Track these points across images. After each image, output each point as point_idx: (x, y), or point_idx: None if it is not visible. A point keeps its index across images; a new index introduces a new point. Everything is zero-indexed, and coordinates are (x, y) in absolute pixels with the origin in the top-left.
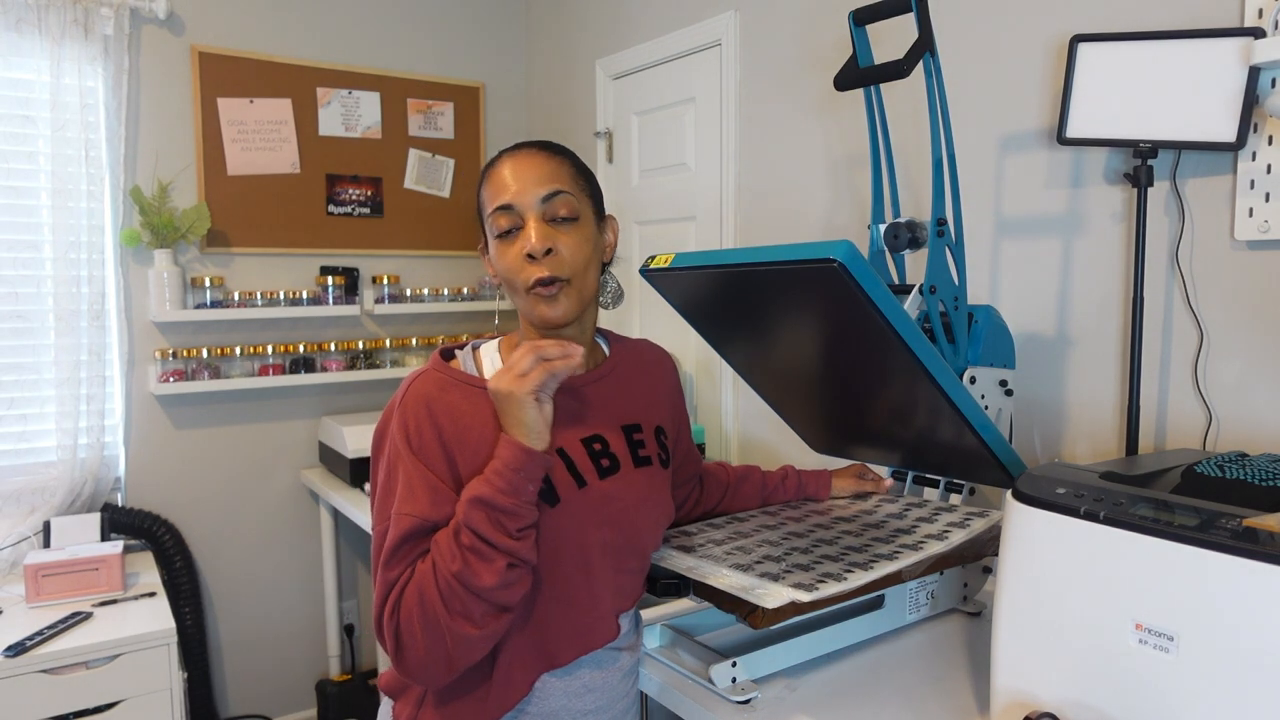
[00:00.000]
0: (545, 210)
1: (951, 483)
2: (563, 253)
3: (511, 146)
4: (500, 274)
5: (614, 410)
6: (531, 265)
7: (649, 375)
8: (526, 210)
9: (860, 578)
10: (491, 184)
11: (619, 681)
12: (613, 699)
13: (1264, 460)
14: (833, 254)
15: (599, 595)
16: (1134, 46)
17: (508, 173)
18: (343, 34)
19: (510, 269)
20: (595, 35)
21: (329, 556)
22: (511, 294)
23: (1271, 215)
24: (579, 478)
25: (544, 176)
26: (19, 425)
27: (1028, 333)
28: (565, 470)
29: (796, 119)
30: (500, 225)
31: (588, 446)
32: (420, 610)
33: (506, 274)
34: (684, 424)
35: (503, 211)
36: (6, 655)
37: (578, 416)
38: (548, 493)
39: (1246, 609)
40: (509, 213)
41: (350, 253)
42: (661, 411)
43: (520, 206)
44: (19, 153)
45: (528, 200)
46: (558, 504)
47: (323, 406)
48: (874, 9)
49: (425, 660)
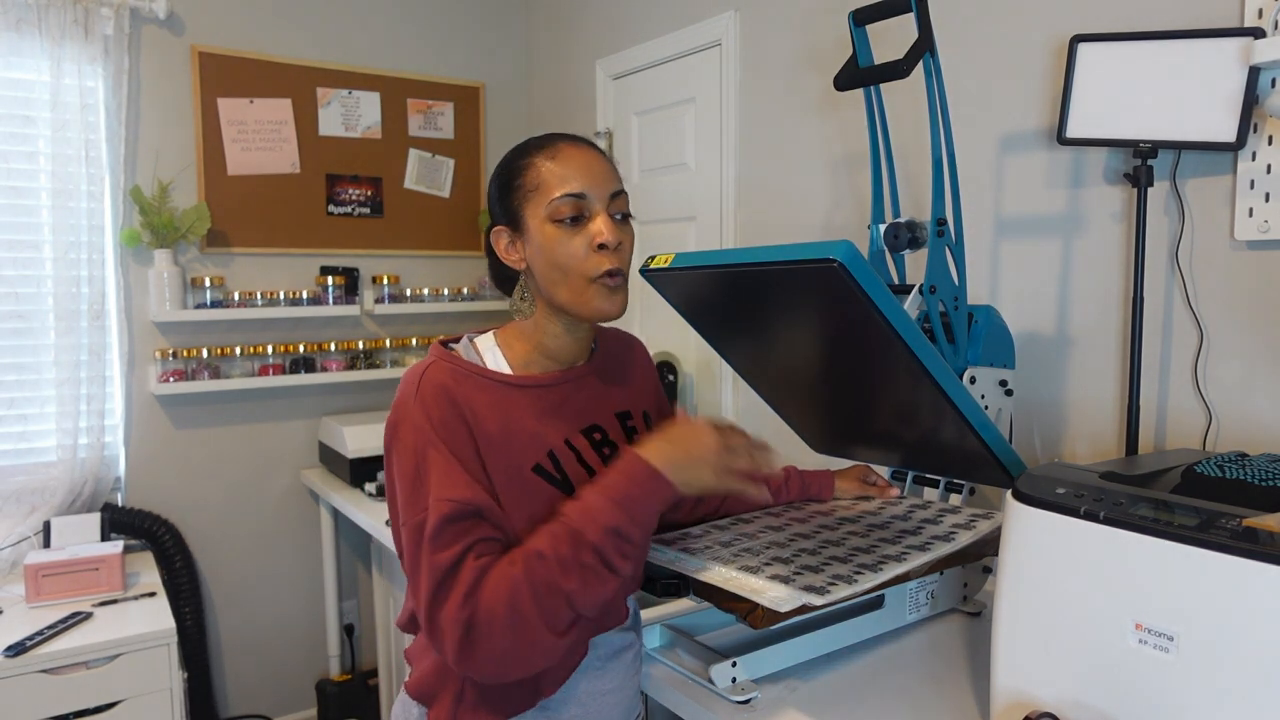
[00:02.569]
0: (612, 206)
1: (951, 483)
2: (626, 249)
3: (560, 136)
4: (553, 262)
5: (607, 400)
6: (600, 255)
7: (628, 362)
8: (596, 202)
9: (870, 579)
10: (549, 168)
11: (630, 662)
12: (625, 679)
13: (1264, 460)
14: (833, 254)
15: None
16: (1134, 46)
17: (574, 161)
18: (343, 34)
19: (574, 256)
20: (595, 35)
21: (329, 556)
22: (556, 285)
23: (1271, 215)
24: (588, 468)
25: (609, 174)
26: (19, 425)
27: (1028, 333)
28: (576, 461)
29: (796, 119)
30: (564, 212)
31: (589, 437)
32: (509, 613)
33: (566, 261)
34: (666, 408)
35: (572, 199)
36: (6, 655)
37: (578, 409)
38: (563, 483)
39: (1246, 609)
40: (580, 201)
41: (350, 253)
42: (645, 398)
43: (591, 197)
44: (19, 153)
45: (599, 192)
46: (574, 494)
47: (323, 406)
48: (874, 9)
49: (502, 659)
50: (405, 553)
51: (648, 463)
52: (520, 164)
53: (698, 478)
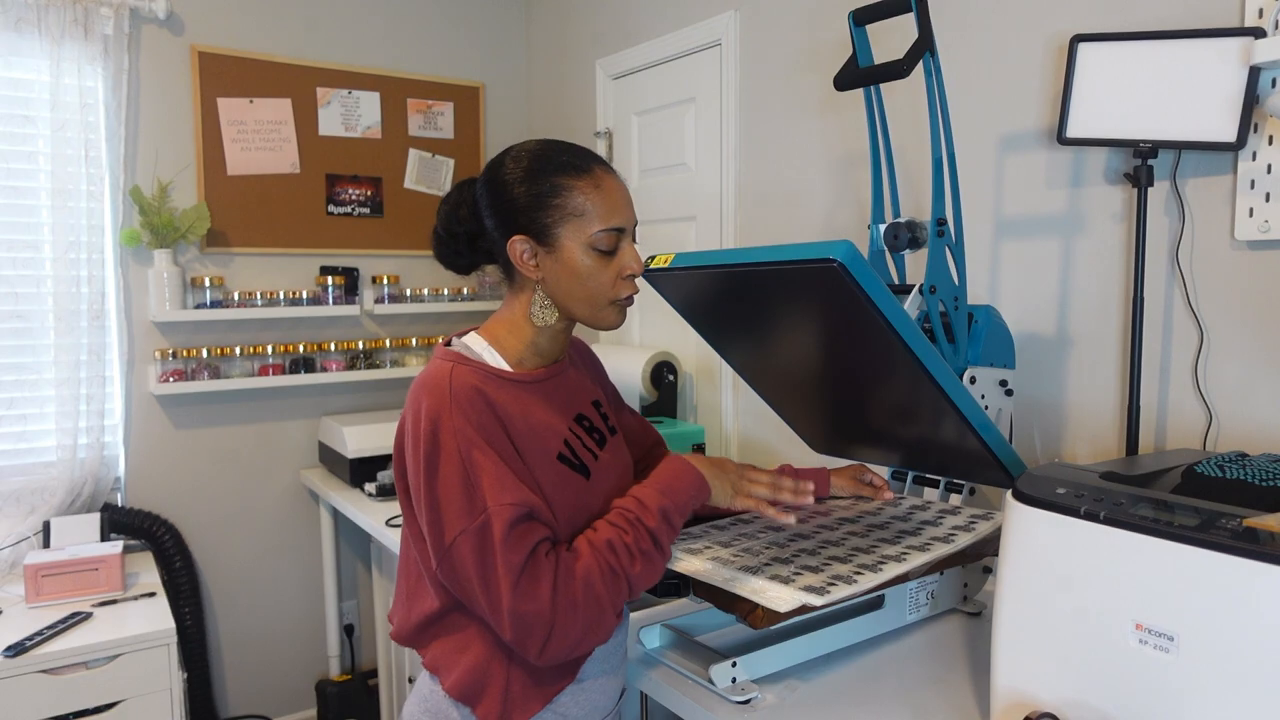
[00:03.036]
0: (634, 235)
1: (952, 483)
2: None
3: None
4: (582, 283)
5: (582, 390)
6: (626, 283)
7: (582, 356)
8: (629, 235)
9: (870, 579)
10: (600, 201)
11: (622, 627)
12: (616, 646)
13: (1264, 460)
14: (833, 254)
15: None
16: (1134, 46)
17: (617, 194)
18: (343, 34)
19: (606, 284)
20: (595, 35)
21: (329, 557)
22: (577, 302)
23: (1272, 215)
24: (591, 452)
25: (631, 203)
26: (19, 425)
27: (1028, 333)
28: (582, 448)
29: (796, 119)
30: (607, 243)
31: (581, 424)
32: (588, 599)
33: (595, 286)
34: (614, 393)
35: (617, 233)
36: (6, 655)
37: (566, 400)
38: (581, 468)
39: (1246, 609)
40: (620, 235)
41: (350, 253)
42: (603, 385)
43: (628, 231)
44: (19, 153)
45: (632, 226)
46: (590, 476)
47: (323, 406)
48: (874, 9)
49: (576, 643)
50: (464, 557)
51: (691, 465)
52: (559, 183)
53: (721, 490)
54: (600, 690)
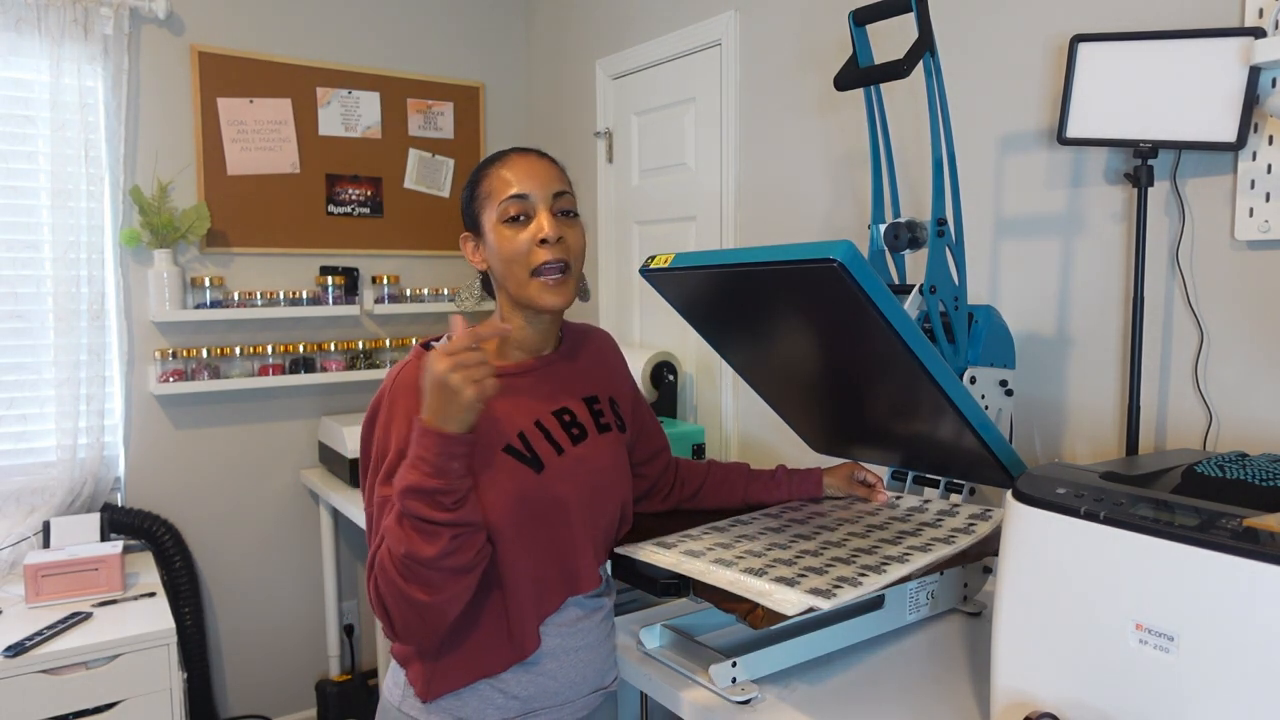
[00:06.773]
0: (555, 204)
1: (951, 483)
2: (569, 242)
3: (513, 149)
4: (503, 258)
5: (575, 384)
6: (541, 249)
7: (595, 352)
8: (539, 201)
9: (875, 581)
10: (500, 175)
11: (600, 622)
12: (598, 638)
13: (1264, 460)
14: (833, 254)
15: (582, 547)
16: (1134, 46)
17: (519, 167)
18: (343, 34)
19: (518, 252)
20: (595, 35)
21: (329, 556)
22: (507, 280)
23: (1272, 215)
24: (556, 445)
25: (553, 176)
26: (19, 425)
27: (1028, 333)
28: (545, 440)
29: (796, 119)
30: (510, 211)
31: (559, 418)
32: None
33: (512, 257)
34: (638, 396)
35: (516, 200)
36: (6, 655)
37: (549, 392)
38: (533, 460)
39: (1246, 609)
40: (522, 201)
41: (350, 253)
42: (614, 385)
43: (534, 197)
44: (19, 153)
45: (541, 193)
46: (543, 470)
47: (322, 406)
48: (874, 9)
49: (405, 627)
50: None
51: (420, 421)
52: (479, 175)
53: (456, 411)
54: (557, 678)
